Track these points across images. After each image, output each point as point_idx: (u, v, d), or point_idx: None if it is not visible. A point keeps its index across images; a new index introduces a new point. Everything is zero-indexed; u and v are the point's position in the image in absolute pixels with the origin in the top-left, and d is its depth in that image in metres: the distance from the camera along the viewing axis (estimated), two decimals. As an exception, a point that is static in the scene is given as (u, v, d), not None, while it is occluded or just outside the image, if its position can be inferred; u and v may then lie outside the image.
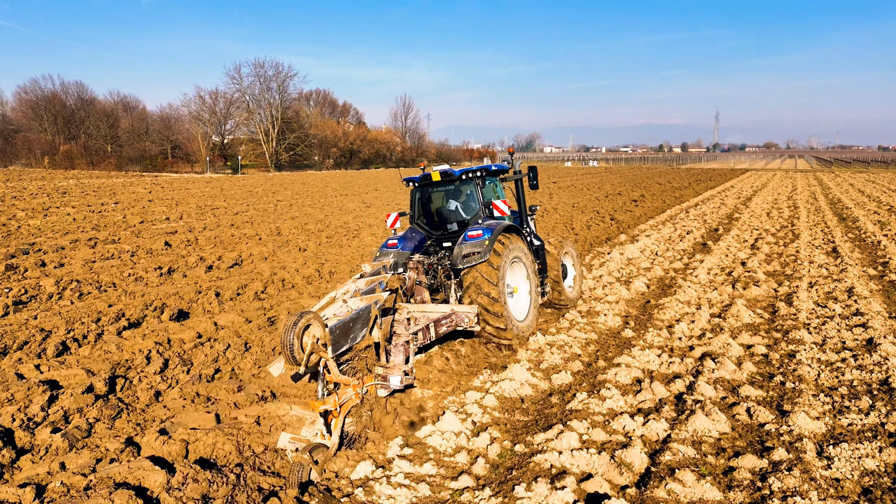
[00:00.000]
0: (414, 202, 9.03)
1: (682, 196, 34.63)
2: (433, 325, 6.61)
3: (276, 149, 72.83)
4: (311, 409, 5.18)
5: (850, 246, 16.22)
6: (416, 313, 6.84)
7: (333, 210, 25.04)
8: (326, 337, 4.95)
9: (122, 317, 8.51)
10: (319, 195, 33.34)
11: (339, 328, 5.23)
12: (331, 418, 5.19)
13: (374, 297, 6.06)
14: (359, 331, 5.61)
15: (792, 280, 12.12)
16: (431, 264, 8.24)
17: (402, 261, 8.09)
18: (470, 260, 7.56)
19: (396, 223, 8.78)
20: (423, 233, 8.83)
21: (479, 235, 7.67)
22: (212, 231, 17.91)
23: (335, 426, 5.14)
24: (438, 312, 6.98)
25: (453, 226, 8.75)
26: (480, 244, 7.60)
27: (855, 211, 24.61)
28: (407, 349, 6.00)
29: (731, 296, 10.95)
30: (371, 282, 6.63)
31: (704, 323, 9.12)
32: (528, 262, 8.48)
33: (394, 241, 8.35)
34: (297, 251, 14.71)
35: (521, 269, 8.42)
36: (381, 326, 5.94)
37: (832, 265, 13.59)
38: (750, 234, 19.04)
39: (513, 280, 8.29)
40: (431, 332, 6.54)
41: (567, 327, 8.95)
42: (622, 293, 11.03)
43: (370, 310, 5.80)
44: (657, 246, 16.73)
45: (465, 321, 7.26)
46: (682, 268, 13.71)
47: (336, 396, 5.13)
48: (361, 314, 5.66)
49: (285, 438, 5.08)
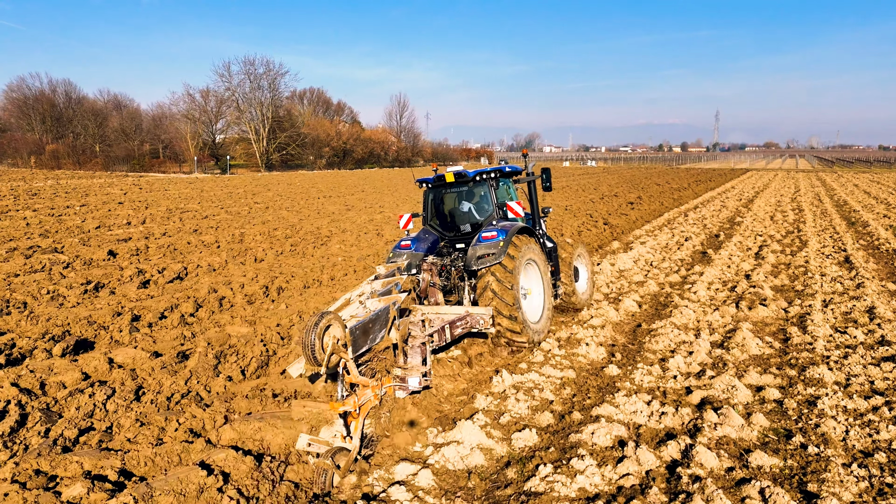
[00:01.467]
0: (427, 203, 8.98)
1: (680, 198, 33.21)
2: (448, 326, 6.55)
3: (267, 148, 71.28)
4: (331, 409, 5.07)
5: (863, 255, 14.80)
6: (431, 315, 6.77)
7: (310, 213, 23.61)
8: (347, 337, 4.95)
9: (3, 350, 7.08)
10: (302, 197, 31.90)
11: (359, 329, 5.27)
12: (350, 420, 5.09)
13: (392, 298, 6.12)
14: (378, 332, 5.66)
15: (803, 297, 10.69)
16: (444, 266, 8.24)
17: (415, 262, 8.03)
18: (484, 261, 7.50)
19: (409, 224, 8.73)
20: (435, 234, 8.75)
21: (493, 237, 7.64)
22: (169, 237, 16.49)
23: (355, 428, 5.03)
24: (453, 314, 6.98)
25: (466, 227, 8.69)
26: (495, 245, 7.55)
27: (864, 214, 23.19)
28: (424, 351, 5.94)
29: (735, 318, 9.53)
30: (387, 283, 6.65)
31: (704, 355, 7.69)
32: (542, 265, 8.39)
33: (407, 242, 8.28)
34: (253, 262, 13.28)
35: (535, 271, 8.32)
36: (399, 328, 5.97)
37: (846, 278, 12.17)
38: (753, 240, 17.62)
39: (526, 282, 8.15)
40: (447, 334, 6.50)
41: (541, 362, 7.51)
42: (609, 315, 9.59)
43: (388, 311, 5.84)
44: (652, 255, 15.30)
45: (480, 323, 7.22)
46: (679, 282, 12.28)
47: (355, 398, 5.06)
48: (380, 315, 5.70)
49: (304, 440, 4.93)
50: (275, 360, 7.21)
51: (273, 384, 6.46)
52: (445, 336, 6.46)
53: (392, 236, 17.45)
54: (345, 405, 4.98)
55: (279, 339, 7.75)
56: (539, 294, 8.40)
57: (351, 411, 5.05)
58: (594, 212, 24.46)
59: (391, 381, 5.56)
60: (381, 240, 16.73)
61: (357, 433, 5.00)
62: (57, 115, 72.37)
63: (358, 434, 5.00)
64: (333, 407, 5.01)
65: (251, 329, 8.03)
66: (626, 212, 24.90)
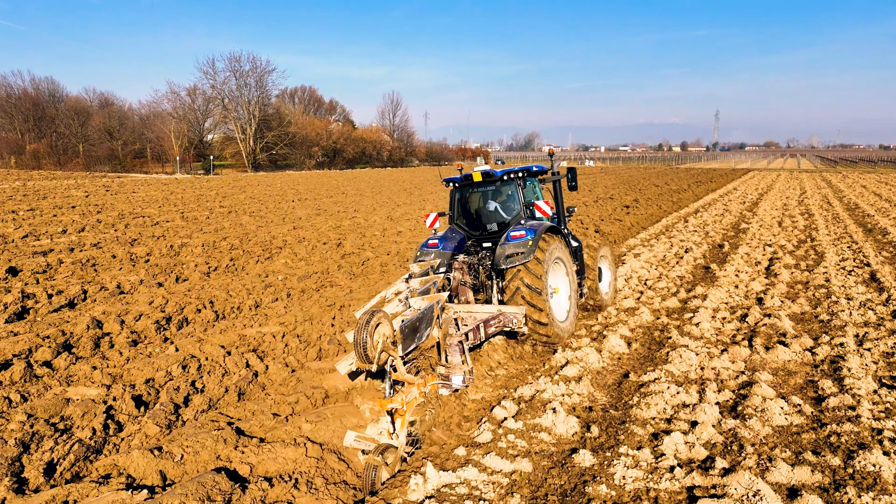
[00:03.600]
0: (453, 203, 9.03)
1: (680, 200, 31.17)
2: (483, 325, 6.68)
3: (254, 148, 69.06)
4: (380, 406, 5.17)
5: (890, 270, 12.77)
6: (463, 314, 6.84)
7: (274, 219, 21.58)
8: (397, 335, 5.13)
9: None
10: (275, 199, 29.85)
11: (408, 327, 5.39)
12: (396, 416, 5.14)
13: (436, 297, 6.24)
14: (424, 330, 5.74)
15: (831, 331, 8.67)
16: (472, 264, 8.31)
17: (444, 261, 8.05)
18: (514, 260, 7.59)
19: (436, 223, 8.87)
20: (462, 233, 8.76)
21: (522, 236, 7.70)
22: (98, 249, 14.45)
23: (401, 425, 5.10)
24: (486, 313, 7.07)
25: (493, 226, 8.71)
26: (524, 245, 7.63)
27: (879, 219, 21.15)
28: (462, 350, 6.02)
29: (750, 364, 7.50)
30: (425, 282, 6.71)
31: (711, 429, 5.65)
32: (569, 263, 8.53)
33: (434, 241, 8.31)
34: (173, 282, 11.24)
35: (562, 270, 8.44)
36: (442, 326, 6.07)
37: (877, 302, 10.16)
38: (762, 251, 15.58)
39: (553, 281, 8.23)
40: (481, 333, 6.65)
41: (489, 441, 5.47)
42: (589, 359, 7.55)
43: (433, 309, 5.95)
44: (647, 271, 13.27)
45: (513, 322, 7.24)
46: (678, 308, 10.25)
47: (403, 395, 5.17)
48: (426, 314, 5.80)
49: (351, 437, 4.92)
50: (115, 441, 5.17)
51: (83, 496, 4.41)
52: (480, 335, 6.61)
53: (352, 248, 15.42)
54: (392, 402, 5.11)
55: (135, 407, 5.71)
56: (565, 292, 8.53)
57: (398, 408, 5.15)
58: (586, 217, 22.43)
59: (436, 379, 5.75)
60: (338, 252, 14.70)
61: (403, 430, 5.12)
62: (39, 114, 70.27)
63: (404, 431, 5.12)
64: (382, 404, 5.17)
65: (101, 392, 5.98)
66: (620, 217, 22.87)
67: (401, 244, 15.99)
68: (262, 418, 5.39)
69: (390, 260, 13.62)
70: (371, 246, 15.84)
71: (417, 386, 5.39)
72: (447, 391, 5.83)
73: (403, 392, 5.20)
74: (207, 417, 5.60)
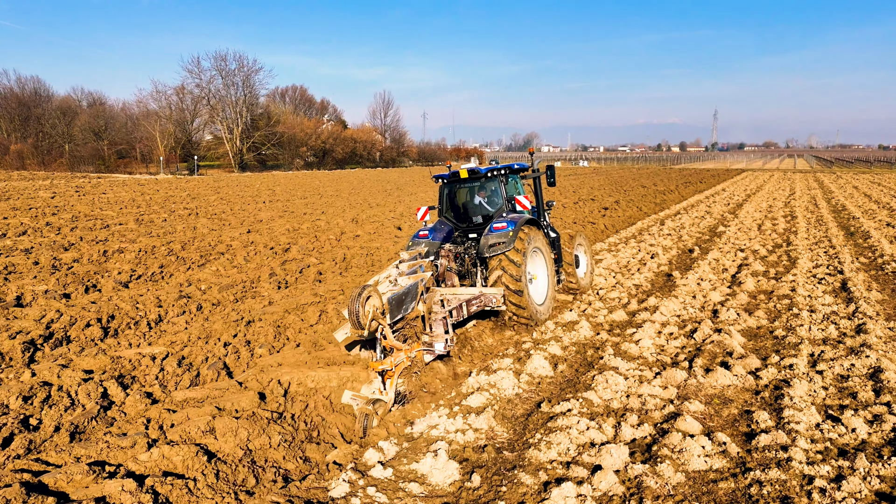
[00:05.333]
0: (442, 197, 9.70)
1: (664, 202, 30.32)
2: (465, 304, 7.47)
3: (240, 148, 68.11)
4: (372, 367, 6.03)
5: (864, 278, 11.94)
6: (449, 295, 7.67)
7: (234, 221, 20.70)
8: (385, 306, 6.01)
9: None
10: (247, 200, 28.98)
11: (395, 300, 6.28)
12: (386, 377, 6.01)
13: (420, 275, 7.27)
14: (409, 303, 6.70)
15: (784, 349, 7.84)
16: (459, 253, 9.07)
17: (433, 249, 8.74)
18: (496, 249, 8.30)
19: (426, 216, 9.57)
20: (450, 225, 9.50)
21: (503, 227, 8.44)
22: (25, 255, 13.58)
23: (390, 385, 6.01)
24: (468, 294, 7.94)
25: (478, 219, 9.51)
26: (505, 235, 8.35)
27: (864, 222, 20.30)
28: (446, 324, 6.74)
29: (683, 390, 6.66)
30: (412, 265, 7.55)
31: (612, 479, 4.78)
32: (546, 253, 9.24)
33: (425, 233, 8.98)
34: (82, 293, 10.38)
35: (540, 259, 9.15)
36: (426, 302, 6.98)
37: (842, 315, 9.34)
38: (734, 256, 14.74)
39: (532, 268, 8.98)
40: (464, 311, 7.40)
41: (341, 498, 4.60)
42: (503, 385, 6.69)
43: (418, 286, 6.92)
44: (605, 279, 12.43)
45: (492, 301, 8.09)
46: (623, 322, 9.40)
47: (392, 358, 6.02)
48: (411, 289, 6.75)
49: (348, 395, 5.73)
50: None
51: None
52: (463, 312, 7.34)
53: (298, 253, 14.57)
54: (383, 364, 5.92)
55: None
56: (544, 279, 9.28)
57: (388, 370, 5.96)
58: (560, 220, 21.56)
59: (420, 346, 6.51)
60: (279, 258, 13.85)
61: (392, 389, 6.00)
62: (25, 114, 69.34)
63: (393, 389, 6.00)
64: (373, 366, 5.96)
65: None
66: (595, 219, 22.01)
67: (352, 249, 15.14)
68: (74, 470, 4.53)
69: (331, 268, 12.76)
70: (320, 251, 15.00)
71: (405, 351, 6.20)
72: (430, 357, 6.69)
73: (393, 356, 6.03)
74: (17, 465, 4.75)
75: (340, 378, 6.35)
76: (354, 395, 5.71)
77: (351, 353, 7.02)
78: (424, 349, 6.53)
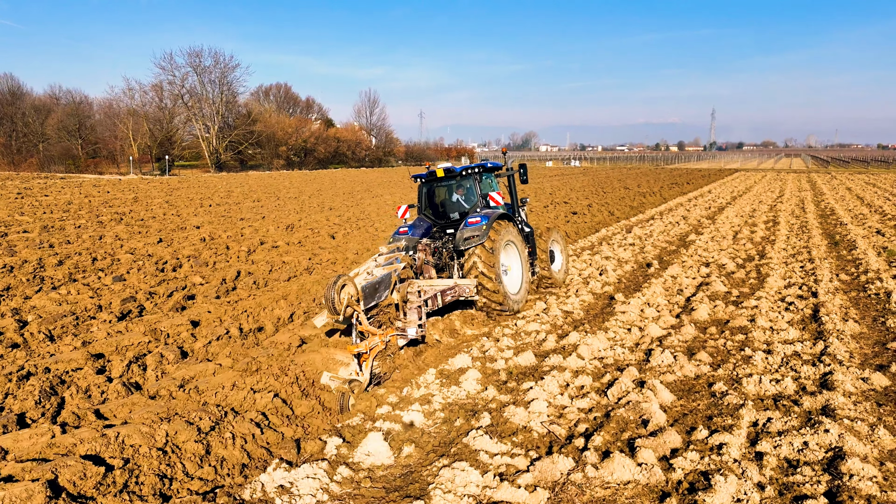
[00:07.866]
0: (421, 195, 10.24)
1: (642, 205, 28.33)
2: (440, 294, 7.87)
3: (216, 147, 65.96)
4: (348, 351, 6.56)
5: (841, 303, 9.97)
6: (425, 287, 8.01)
7: (160, 227, 18.71)
8: (359, 293, 6.49)
9: None
10: (194, 204, 26.98)
11: (369, 288, 6.82)
12: (362, 360, 6.48)
13: (394, 266, 7.80)
14: (383, 291, 7.27)
15: (719, 417, 5.87)
16: (437, 247, 9.53)
17: (412, 245, 9.24)
18: (470, 242, 8.83)
19: (406, 214, 9.84)
20: (429, 222, 9.99)
21: (477, 222, 8.95)
22: None
23: (366, 366, 6.47)
24: (444, 285, 8.30)
25: (455, 215, 10.04)
26: (479, 229, 8.89)
27: (852, 229, 18.32)
28: (420, 312, 7.20)
29: (556, 496, 4.68)
30: (389, 258, 8.08)
31: None
32: (520, 246, 9.79)
33: (405, 229, 9.49)
34: None
35: (514, 251, 9.69)
36: (400, 290, 7.59)
37: (806, 357, 7.44)
38: (696, 273, 12.77)
39: (506, 260, 9.51)
40: (439, 300, 7.82)
41: None
42: (304, 491, 4.72)
43: (391, 276, 7.53)
44: (535, 303, 10.43)
45: (466, 291, 8.60)
46: (528, 368, 7.42)
47: (367, 342, 6.48)
48: (384, 279, 7.32)
49: (326, 377, 6.13)
50: None
51: None
52: (438, 302, 7.81)
53: (190, 269, 12.58)
54: (358, 348, 6.41)
55: None
56: (518, 270, 9.75)
57: (363, 353, 6.47)
58: (517, 226, 19.57)
59: (394, 331, 7.05)
60: (159, 277, 11.85)
61: (367, 370, 6.50)
62: (-1, 112, 67.24)
63: (368, 371, 6.51)
64: (350, 349, 6.48)
65: None
66: (559, 225, 20.02)
67: (257, 264, 13.18)
68: None
69: (211, 290, 10.76)
70: (222, 265, 13.03)
71: (379, 336, 6.62)
72: (403, 342, 7.27)
73: (368, 340, 6.50)
74: None
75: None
76: (333, 377, 6.12)
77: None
78: (398, 333, 7.05)
